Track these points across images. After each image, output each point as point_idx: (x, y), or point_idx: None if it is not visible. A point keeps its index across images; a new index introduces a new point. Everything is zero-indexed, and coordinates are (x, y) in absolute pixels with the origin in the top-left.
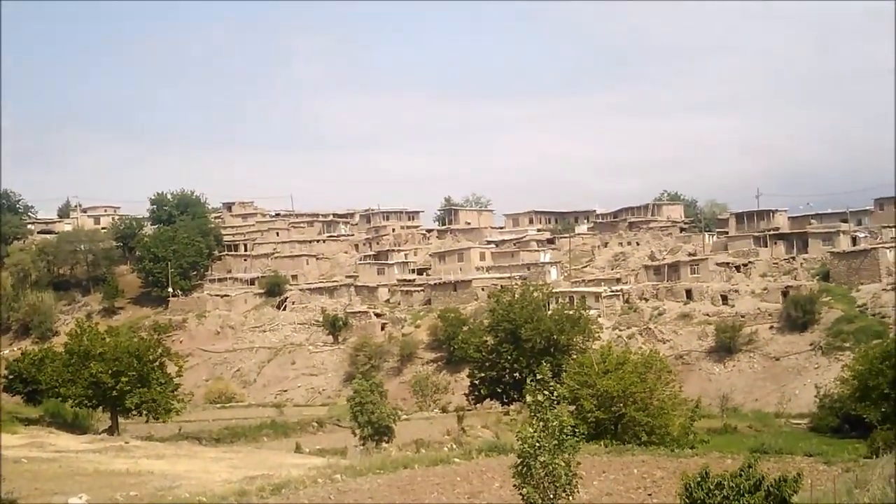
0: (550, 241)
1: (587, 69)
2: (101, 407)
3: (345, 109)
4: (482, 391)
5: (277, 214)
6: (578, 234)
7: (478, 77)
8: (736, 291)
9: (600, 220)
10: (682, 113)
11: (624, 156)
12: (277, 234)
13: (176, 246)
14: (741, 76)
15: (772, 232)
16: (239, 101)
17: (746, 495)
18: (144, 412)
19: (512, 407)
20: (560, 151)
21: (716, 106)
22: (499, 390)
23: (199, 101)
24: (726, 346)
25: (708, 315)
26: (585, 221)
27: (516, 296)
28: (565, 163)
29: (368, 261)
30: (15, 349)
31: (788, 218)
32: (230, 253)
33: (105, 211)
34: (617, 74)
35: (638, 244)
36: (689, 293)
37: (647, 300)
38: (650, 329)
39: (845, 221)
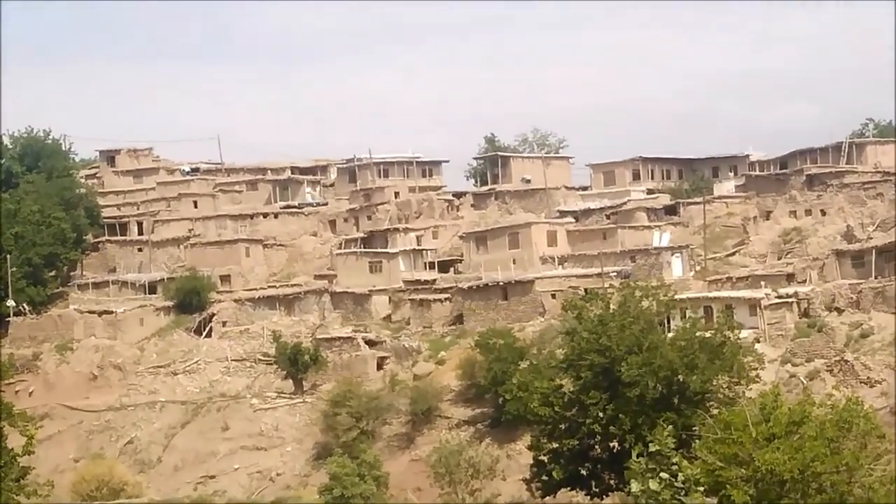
0: (671, 211)
1: None
2: None
3: None
4: (555, 474)
5: (195, 170)
6: (719, 198)
7: None
8: None
9: (757, 174)
10: None
11: (777, 62)
12: (196, 203)
13: (20, 227)
14: None
15: None
16: None
17: None
18: None
19: (606, 500)
20: (665, 59)
21: None
22: (583, 472)
23: None
24: None
25: None
26: (731, 175)
27: (612, 306)
28: (679, 77)
29: (354, 249)
30: None
31: None
32: (114, 238)
33: None
34: None
35: (824, 214)
36: None
37: (840, 311)
38: (846, 362)
39: None
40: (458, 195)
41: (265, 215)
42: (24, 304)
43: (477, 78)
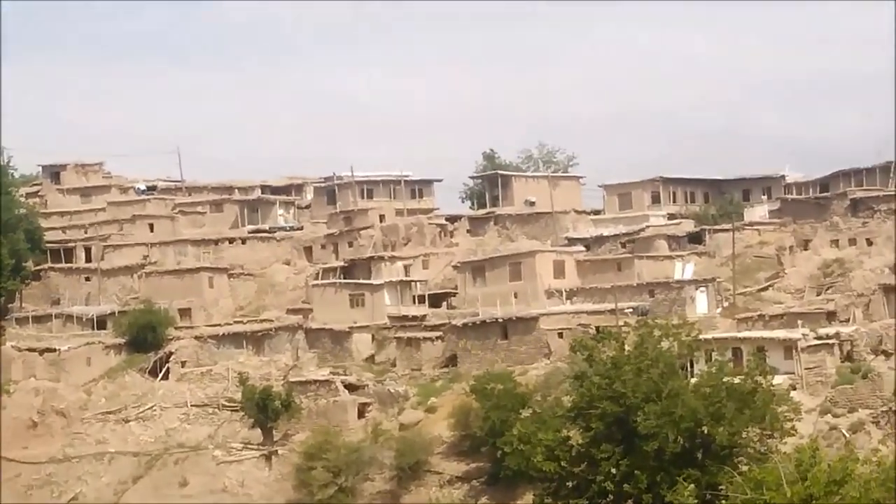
0: (695, 239)
1: None
2: None
3: None
4: None
5: (151, 188)
6: (751, 224)
7: None
8: None
9: (794, 197)
10: None
11: (819, 67)
12: (151, 226)
13: None
14: None
15: None
16: None
17: None
18: None
19: None
20: (691, 64)
21: None
22: None
23: None
24: None
25: None
26: (764, 198)
27: (627, 347)
28: (706, 84)
29: (332, 280)
30: None
31: None
32: (58, 265)
33: None
34: None
35: (870, 243)
36: None
37: (888, 355)
38: (895, 413)
39: None
40: (453, 219)
41: (231, 240)
42: None
43: (474, 82)
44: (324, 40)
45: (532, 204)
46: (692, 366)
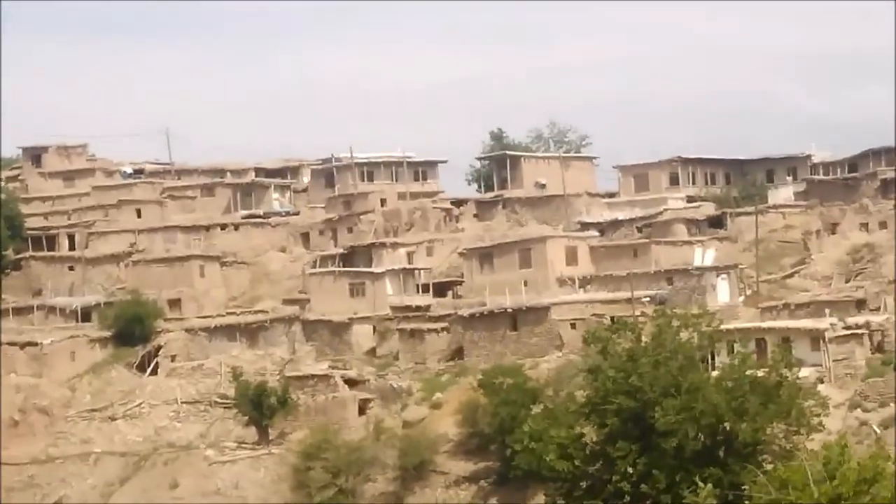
0: (716, 223)
1: None
2: None
3: None
4: None
5: (139, 171)
6: (775, 207)
7: None
8: None
9: (821, 178)
10: None
11: (849, 39)
12: (139, 212)
13: None
14: None
15: None
16: None
17: None
18: None
19: None
20: (710, 37)
21: None
22: None
23: None
24: None
25: None
26: (789, 179)
27: (644, 339)
28: (726, 59)
29: (331, 268)
30: None
31: None
32: (39, 253)
33: None
34: None
35: None
36: None
37: None
38: None
39: None
40: (458, 203)
41: (223, 227)
42: None
43: (481, 56)
44: (319, 14)
45: (543, 186)
46: (713, 358)
